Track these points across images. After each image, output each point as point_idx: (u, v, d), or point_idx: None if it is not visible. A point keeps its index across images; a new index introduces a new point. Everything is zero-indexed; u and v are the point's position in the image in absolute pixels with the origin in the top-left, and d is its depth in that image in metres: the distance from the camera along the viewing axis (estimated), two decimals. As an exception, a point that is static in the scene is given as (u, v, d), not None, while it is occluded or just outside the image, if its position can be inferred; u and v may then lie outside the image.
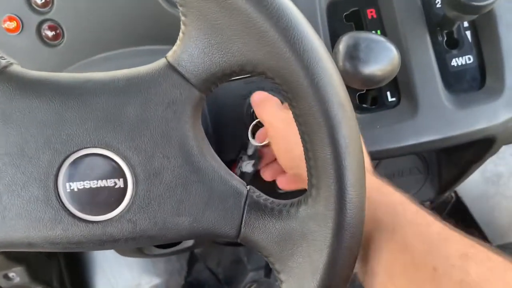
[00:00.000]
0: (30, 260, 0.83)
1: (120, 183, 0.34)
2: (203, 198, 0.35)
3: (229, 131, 0.59)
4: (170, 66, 0.34)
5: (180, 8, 0.33)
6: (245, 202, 0.35)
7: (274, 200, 0.36)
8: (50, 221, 0.34)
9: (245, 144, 0.56)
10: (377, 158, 0.62)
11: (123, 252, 0.59)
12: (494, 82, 0.60)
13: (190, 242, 0.59)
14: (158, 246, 0.59)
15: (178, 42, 0.34)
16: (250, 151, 0.56)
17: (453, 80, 0.61)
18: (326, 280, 0.34)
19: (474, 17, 0.57)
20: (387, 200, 0.41)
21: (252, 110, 0.56)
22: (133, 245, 0.36)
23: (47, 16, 0.56)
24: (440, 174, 0.76)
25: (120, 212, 0.34)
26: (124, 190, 0.34)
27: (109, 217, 0.34)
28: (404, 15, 0.59)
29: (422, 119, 0.58)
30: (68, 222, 0.34)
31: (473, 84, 0.61)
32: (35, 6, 0.56)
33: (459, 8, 0.53)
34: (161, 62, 0.34)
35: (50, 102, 0.34)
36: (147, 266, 1.11)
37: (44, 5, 0.56)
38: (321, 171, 0.33)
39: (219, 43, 0.33)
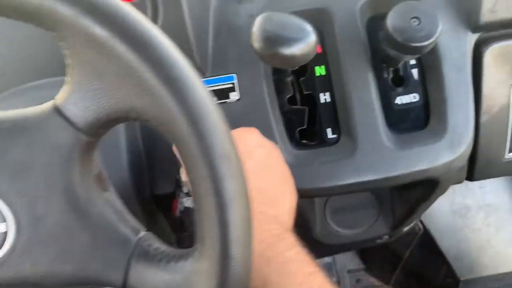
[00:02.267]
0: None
1: (1, 227, 0.33)
2: (87, 246, 0.33)
3: (165, 159, 0.57)
4: (57, 109, 0.33)
5: (64, 51, 0.32)
6: (132, 251, 0.34)
7: (167, 249, 0.35)
8: None
9: (178, 180, 0.55)
10: (315, 196, 0.61)
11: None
12: (437, 123, 0.58)
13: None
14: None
15: (65, 84, 0.33)
16: (185, 189, 0.54)
17: (397, 119, 0.60)
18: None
19: (415, 56, 0.56)
20: (281, 258, 0.40)
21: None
22: None
23: None
24: (393, 210, 0.74)
25: (1, 258, 0.33)
26: (5, 235, 0.33)
27: None
28: (346, 50, 0.58)
29: (360, 158, 0.56)
30: None
31: (417, 123, 0.60)
32: None
33: (398, 48, 0.52)
34: (48, 104, 0.33)
35: None
36: None
37: None
38: (205, 225, 0.32)
39: (103, 89, 0.32)
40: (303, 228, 0.73)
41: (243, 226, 0.32)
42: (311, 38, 0.47)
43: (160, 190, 0.58)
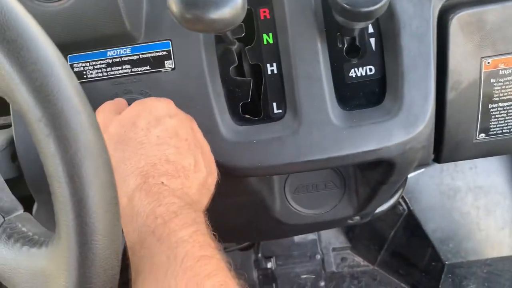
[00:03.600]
0: None
1: None
2: None
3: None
4: None
5: None
6: None
7: (35, 234, 0.32)
8: None
9: None
10: (254, 175, 0.57)
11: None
12: (392, 99, 0.53)
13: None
14: None
15: None
16: None
17: (350, 94, 0.54)
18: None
19: (366, 24, 0.50)
20: (174, 237, 0.36)
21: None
22: None
23: None
24: (357, 191, 0.69)
25: None
26: None
27: None
28: (294, 18, 0.52)
29: (304, 136, 0.52)
30: None
31: (372, 99, 0.54)
32: None
33: (343, 14, 0.46)
34: None
35: None
36: None
37: None
38: (60, 208, 0.29)
39: None
40: (261, 206, 0.69)
41: (104, 211, 0.28)
42: (236, 1, 0.42)
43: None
